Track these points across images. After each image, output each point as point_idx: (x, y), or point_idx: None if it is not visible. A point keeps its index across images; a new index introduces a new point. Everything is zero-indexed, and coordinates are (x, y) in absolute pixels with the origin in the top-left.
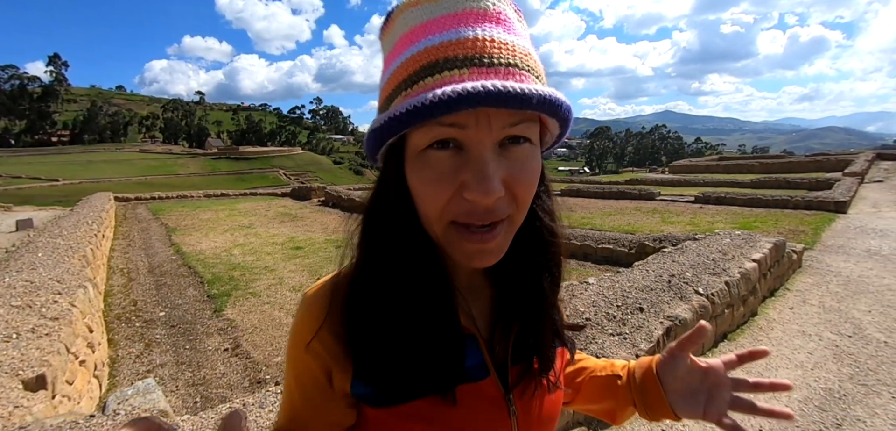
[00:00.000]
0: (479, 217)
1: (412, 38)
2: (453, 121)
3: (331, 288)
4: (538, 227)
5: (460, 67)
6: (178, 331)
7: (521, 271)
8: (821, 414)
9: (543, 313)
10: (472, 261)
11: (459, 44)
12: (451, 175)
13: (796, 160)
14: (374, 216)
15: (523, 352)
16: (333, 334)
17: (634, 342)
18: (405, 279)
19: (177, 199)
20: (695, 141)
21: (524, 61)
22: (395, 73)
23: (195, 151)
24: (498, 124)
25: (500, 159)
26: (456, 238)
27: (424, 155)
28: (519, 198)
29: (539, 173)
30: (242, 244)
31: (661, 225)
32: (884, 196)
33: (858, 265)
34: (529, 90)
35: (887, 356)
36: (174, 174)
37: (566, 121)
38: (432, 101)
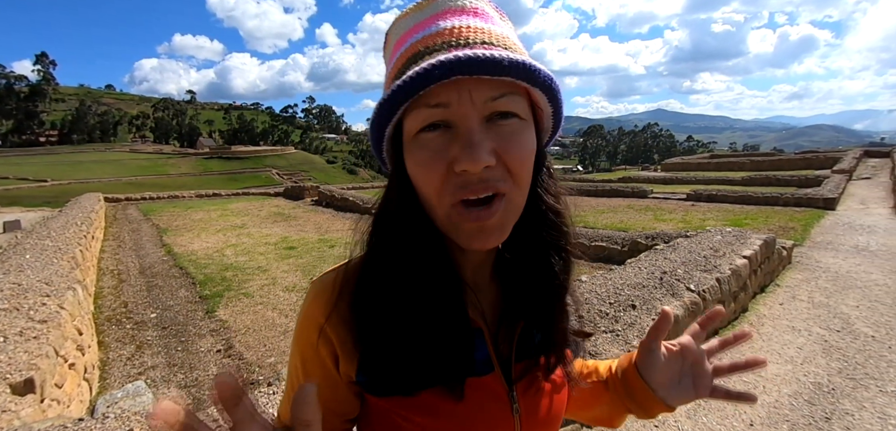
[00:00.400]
0: (473, 189)
1: (401, 43)
2: (437, 101)
3: (342, 275)
4: (542, 208)
5: (436, 51)
6: (170, 333)
7: (529, 256)
8: (810, 408)
9: (555, 299)
10: (473, 241)
11: (437, 34)
12: (442, 152)
13: (786, 158)
14: (385, 211)
15: (528, 349)
16: (342, 319)
17: (627, 339)
18: (414, 270)
19: (168, 199)
20: (686, 139)
21: (500, 41)
22: (390, 73)
23: (186, 150)
24: (480, 98)
25: (488, 131)
26: (457, 219)
27: (417, 140)
28: (512, 171)
29: (532, 147)
30: (235, 245)
31: (654, 223)
32: (871, 193)
33: (847, 261)
34: (501, 55)
35: (875, 350)
36: (165, 174)
37: (551, 91)
38: (411, 77)
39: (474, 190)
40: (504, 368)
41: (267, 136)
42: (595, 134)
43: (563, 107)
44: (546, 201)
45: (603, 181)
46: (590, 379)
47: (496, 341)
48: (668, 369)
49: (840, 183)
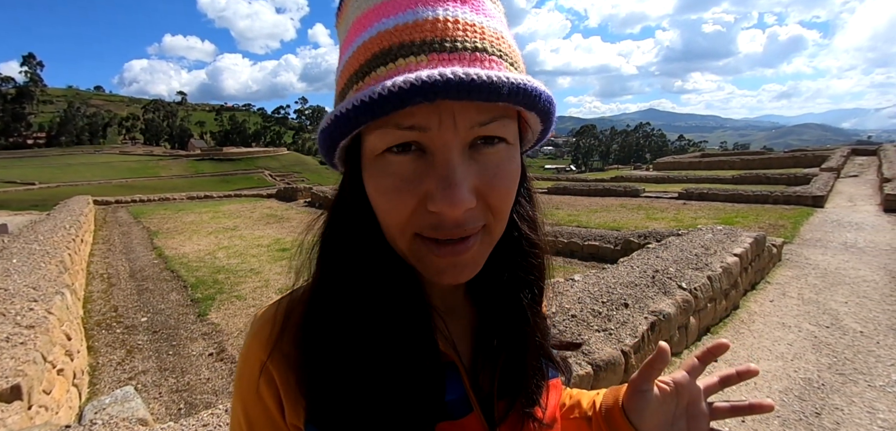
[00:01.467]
0: (446, 232)
1: (364, 23)
2: (412, 123)
3: (285, 307)
4: (516, 237)
5: (417, 53)
6: (161, 337)
7: (503, 282)
8: (801, 404)
9: (525, 336)
10: (444, 277)
11: (416, 26)
12: (413, 184)
13: (775, 156)
14: (335, 227)
15: (512, 384)
16: (286, 358)
17: (620, 338)
18: (372, 296)
19: (159, 201)
20: (678, 138)
21: (495, 45)
22: (348, 63)
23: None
24: (465, 123)
25: (470, 164)
26: (424, 252)
27: (382, 160)
28: (494, 207)
29: (517, 177)
30: (227, 247)
31: (646, 222)
32: (859, 190)
33: (835, 258)
34: (499, 78)
35: (863, 345)
36: (156, 176)
37: (548, 114)
38: (382, 95)
39: (448, 233)
40: (484, 407)
41: (259, 137)
42: (587, 134)
43: (554, 123)
44: (521, 229)
45: (596, 181)
46: (572, 414)
47: (474, 376)
48: (660, 412)
49: (828, 181)
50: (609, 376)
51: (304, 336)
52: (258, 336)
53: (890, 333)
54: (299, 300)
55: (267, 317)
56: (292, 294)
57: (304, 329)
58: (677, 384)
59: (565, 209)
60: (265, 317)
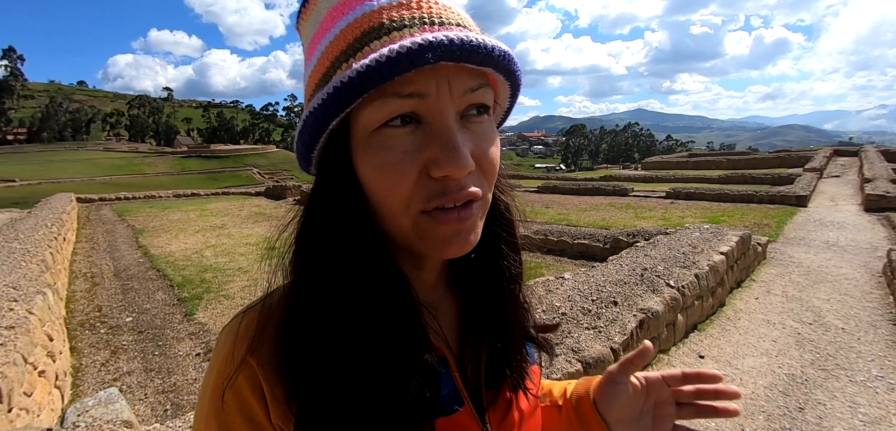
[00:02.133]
0: (453, 196)
1: (343, 9)
2: (412, 90)
3: (262, 312)
4: (500, 207)
5: (409, 26)
6: (147, 337)
7: (485, 261)
8: (785, 399)
9: (513, 304)
10: (450, 247)
11: (402, 5)
12: (415, 153)
13: (761, 157)
14: (314, 226)
15: (498, 372)
16: (271, 365)
17: (609, 335)
18: (360, 295)
19: (144, 199)
20: (666, 138)
21: (468, 23)
22: (330, 47)
23: (163, 149)
24: (459, 89)
25: (465, 131)
26: (430, 226)
27: (378, 135)
28: (487, 173)
29: (499, 144)
30: (215, 245)
31: (635, 220)
32: (841, 190)
33: (818, 256)
34: (489, 41)
35: (845, 341)
36: (141, 174)
37: (518, 86)
38: (390, 56)
39: (454, 198)
40: (474, 399)
41: (247, 134)
42: (577, 133)
43: (518, 96)
44: (501, 198)
45: (585, 180)
46: (543, 402)
47: (463, 367)
48: (628, 405)
49: (811, 181)
50: (598, 373)
51: (288, 342)
52: (238, 343)
53: (870, 329)
54: (277, 305)
55: (246, 323)
56: (268, 298)
57: (286, 334)
58: (649, 381)
59: (555, 208)
60: (244, 324)
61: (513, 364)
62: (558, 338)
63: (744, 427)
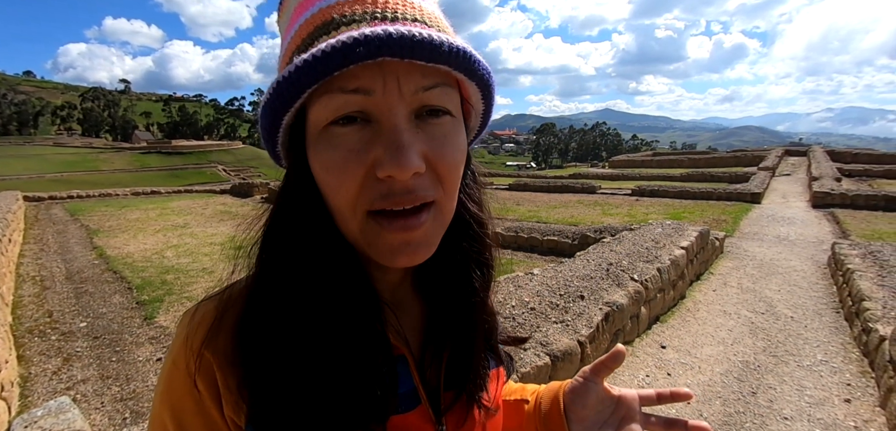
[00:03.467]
0: (398, 199)
1: (306, 5)
2: (357, 86)
3: (221, 302)
4: (465, 217)
5: (358, 21)
6: (103, 343)
7: (452, 270)
8: (739, 384)
9: (473, 328)
10: (398, 257)
11: (357, 1)
12: (361, 153)
13: (719, 156)
14: (281, 218)
15: (458, 374)
16: (225, 357)
17: (576, 329)
18: (321, 289)
19: (99, 198)
20: (632, 138)
21: (433, 20)
22: (290, 43)
23: (120, 144)
24: (409, 87)
25: (417, 132)
26: (376, 232)
27: (326, 133)
28: (443, 178)
29: (464, 150)
30: (177, 246)
31: (602, 217)
32: (791, 188)
33: (770, 250)
34: (439, 37)
35: (793, 329)
36: (96, 170)
37: (488, 87)
38: (325, 51)
39: (399, 201)
40: (432, 399)
41: (212, 129)
42: (548, 132)
43: (494, 105)
44: (470, 210)
45: (555, 178)
46: (513, 396)
47: (422, 368)
48: (596, 407)
49: (765, 179)
50: (566, 366)
51: (246, 333)
52: (194, 332)
53: (816, 317)
54: (238, 296)
55: (203, 312)
56: (229, 289)
57: (244, 326)
58: (624, 398)
59: (526, 206)
60: (201, 312)
61: (474, 370)
62: (527, 333)
63: (701, 412)
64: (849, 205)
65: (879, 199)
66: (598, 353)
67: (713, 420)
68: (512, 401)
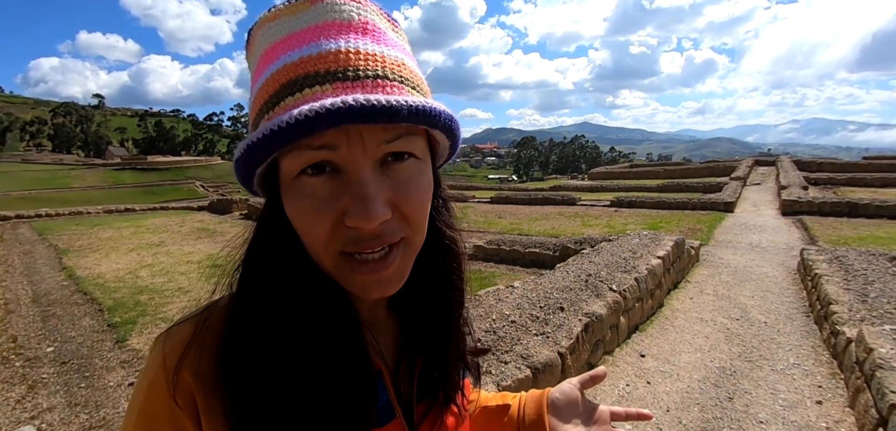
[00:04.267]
0: (367, 244)
1: (271, 57)
2: (323, 143)
3: (200, 323)
4: (441, 240)
5: (321, 82)
6: (71, 368)
7: (426, 291)
8: (716, 390)
9: (451, 333)
10: (370, 293)
11: (320, 58)
12: (330, 202)
13: (693, 167)
14: (261, 244)
15: (429, 386)
16: (206, 380)
17: (556, 340)
18: (302, 310)
19: (69, 216)
20: (610, 150)
21: (396, 72)
22: (258, 95)
23: (93, 161)
24: (372, 142)
25: (383, 179)
26: (348, 270)
27: (298, 182)
28: (410, 218)
29: (430, 188)
30: (151, 265)
31: (582, 228)
32: (762, 197)
33: (744, 257)
34: (397, 102)
35: (767, 334)
36: (67, 188)
37: (450, 131)
38: (289, 122)
39: (368, 246)
40: (406, 412)
41: (190, 145)
42: (528, 145)
43: (459, 139)
44: (444, 233)
45: (536, 190)
46: (494, 402)
47: (397, 382)
48: (575, 419)
49: (737, 189)
50: (547, 377)
51: (227, 355)
52: (171, 352)
53: (787, 322)
54: (217, 317)
55: (181, 332)
56: (207, 310)
57: (225, 347)
58: (599, 410)
59: (508, 218)
60: (179, 332)
61: (447, 382)
62: (508, 346)
63: (680, 419)
64: (816, 212)
65: (844, 206)
66: (579, 364)
67: (692, 427)
68: (494, 407)
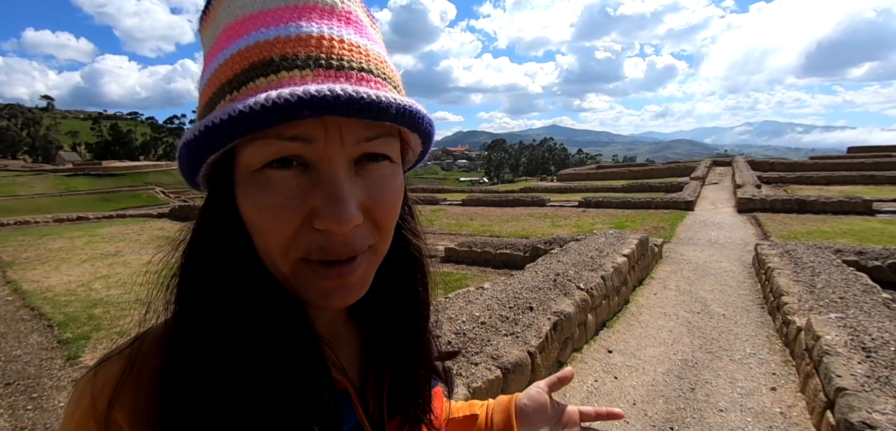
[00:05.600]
0: (335, 252)
1: (239, 31)
2: (296, 133)
3: (132, 356)
4: (406, 248)
5: (302, 67)
6: (17, 389)
7: (389, 301)
8: (679, 382)
9: (417, 345)
10: (331, 300)
11: (301, 41)
12: (297, 200)
13: (656, 168)
14: (201, 254)
15: (399, 402)
16: (141, 419)
17: (526, 340)
18: (253, 330)
19: (15, 226)
20: (578, 152)
21: (379, 68)
22: (218, 71)
23: (42, 166)
24: (351, 138)
25: (356, 180)
26: (309, 276)
27: (261, 175)
28: (380, 224)
29: (401, 192)
30: (106, 276)
31: (552, 229)
32: (719, 195)
33: (703, 253)
34: (387, 99)
35: (725, 327)
36: (12, 196)
37: (428, 136)
38: (265, 105)
39: (336, 252)
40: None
41: (148, 149)
42: (499, 148)
43: (432, 144)
44: (410, 241)
45: (506, 192)
46: (461, 413)
47: (364, 400)
48: (544, 422)
49: (696, 188)
50: (517, 377)
51: (166, 389)
52: (100, 393)
53: (744, 314)
54: (151, 346)
55: (109, 370)
56: (138, 341)
57: (164, 380)
58: (567, 410)
59: (479, 220)
60: (106, 370)
61: (418, 394)
62: (478, 347)
63: (646, 411)
64: (768, 209)
65: (793, 203)
66: (548, 362)
67: (657, 418)
68: (461, 418)
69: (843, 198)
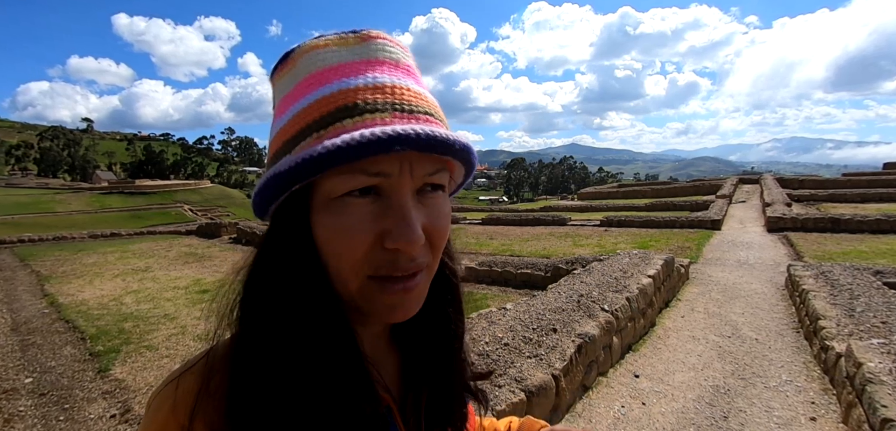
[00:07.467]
0: (402, 268)
1: (322, 80)
2: (379, 169)
3: (203, 372)
4: (442, 270)
5: (382, 111)
6: (50, 400)
7: (428, 322)
8: (711, 409)
9: (455, 363)
10: (394, 314)
11: (378, 89)
12: (371, 223)
13: (680, 186)
14: (265, 278)
15: (436, 419)
16: (216, 428)
17: (550, 362)
18: (310, 350)
19: (53, 241)
20: (598, 170)
21: (436, 111)
22: (301, 114)
23: (80, 184)
24: (420, 172)
25: (419, 207)
26: (376, 292)
27: (340, 202)
28: (435, 245)
29: (450, 217)
30: (137, 291)
31: (573, 248)
32: (747, 214)
33: (732, 274)
34: (454, 137)
35: (758, 351)
36: (51, 212)
37: (472, 169)
38: (360, 141)
39: (402, 268)
40: None
41: (179, 169)
42: (518, 166)
43: (473, 175)
44: (448, 264)
45: (527, 211)
46: (491, 428)
47: (405, 415)
48: None
49: (723, 207)
50: (541, 401)
51: (235, 406)
52: (181, 403)
53: (778, 338)
54: (221, 363)
55: (187, 382)
56: (207, 357)
57: (233, 398)
58: None
59: (499, 239)
60: (185, 382)
61: (453, 414)
62: (502, 369)
63: None
64: (800, 228)
65: (826, 221)
66: (573, 386)
67: None
68: None
69: (881, 216)
